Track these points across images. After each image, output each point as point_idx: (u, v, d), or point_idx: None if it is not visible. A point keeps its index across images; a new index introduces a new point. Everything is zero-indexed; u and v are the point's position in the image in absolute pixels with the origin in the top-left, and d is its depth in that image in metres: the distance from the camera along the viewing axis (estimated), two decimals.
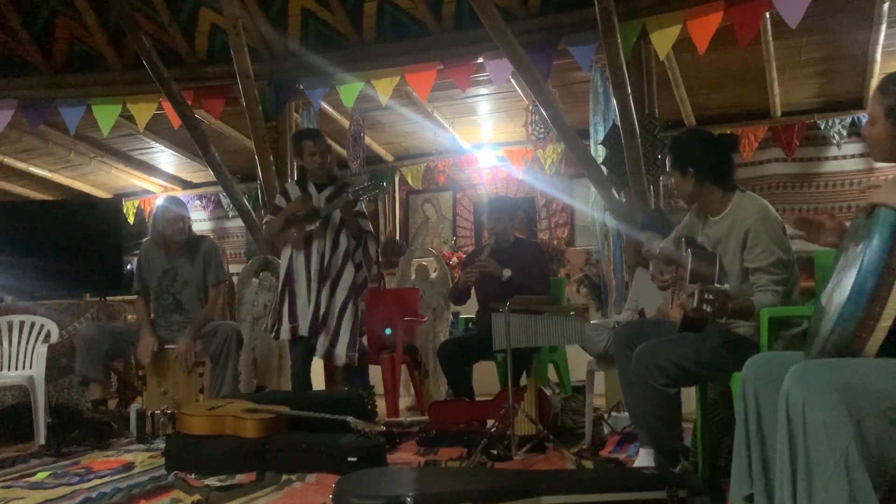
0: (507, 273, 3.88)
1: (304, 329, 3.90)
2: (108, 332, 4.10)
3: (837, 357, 1.64)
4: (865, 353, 1.59)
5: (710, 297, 2.17)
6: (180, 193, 8.52)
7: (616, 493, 2.35)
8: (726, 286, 2.29)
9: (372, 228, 4.18)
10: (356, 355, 3.94)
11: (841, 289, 1.67)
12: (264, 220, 4.19)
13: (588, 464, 3.04)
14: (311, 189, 4.05)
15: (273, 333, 4.03)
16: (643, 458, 2.77)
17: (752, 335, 2.45)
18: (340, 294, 3.95)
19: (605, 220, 5.25)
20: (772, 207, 2.52)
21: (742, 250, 2.46)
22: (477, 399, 3.95)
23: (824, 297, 1.81)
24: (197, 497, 2.65)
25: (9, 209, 5.67)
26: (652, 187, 4.70)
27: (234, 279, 5.56)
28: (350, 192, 3.87)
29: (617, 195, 4.85)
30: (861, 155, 6.31)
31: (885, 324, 1.56)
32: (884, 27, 4.92)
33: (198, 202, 8.63)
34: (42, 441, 3.84)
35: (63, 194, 8.26)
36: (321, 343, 3.90)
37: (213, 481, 2.93)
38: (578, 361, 3.94)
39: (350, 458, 2.90)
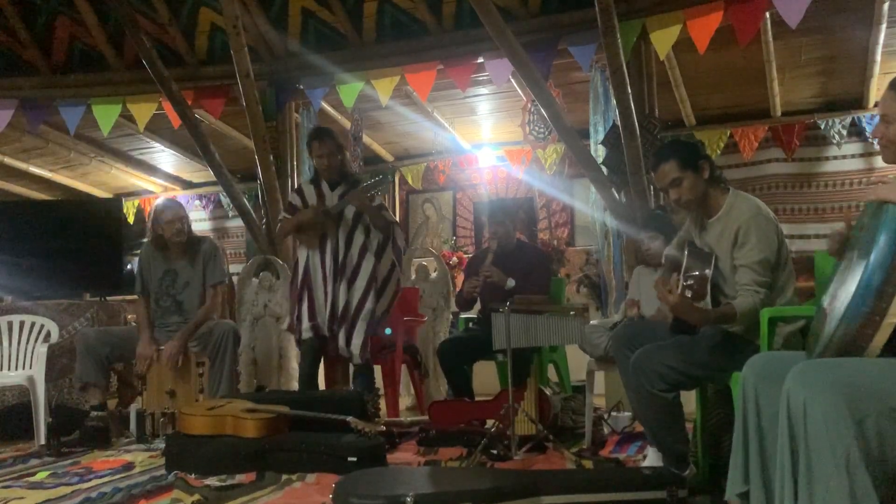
0: (510, 283, 3.90)
1: (322, 327, 3.94)
2: (108, 337, 4.08)
3: (842, 354, 1.63)
4: (871, 349, 1.59)
5: (691, 281, 2.23)
6: (180, 193, 8.53)
7: (616, 493, 2.36)
8: (707, 272, 2.32)
9: (396, 218, 4.20)
10: (368, 356, 3.96)
11: (846, 286, 1.66)
12: (279, 217, 4.28)
13: (588, 464, 3.04)
14: (324, 187, 4.08)
15: (296, 334, 4.06)
16: (652, 457, 2.78)
17: (746, 333, 2.45)
18: (358, 290, 3.94)
19: (605, 220, 5.24)
20: (765, 206, 2.51)
21: (733, 248, 2.47)
22: (477, 399, 3.95)
23: (826, 299, 1.81)
24: (197, 497, 2.65)
25: (9, 209, 5.67)
26: (652, 187, 4.69)
27: (234, 279, 5.56)
28: (361, 187, 3.90)
29: (617, 195, 4.85)
30: (861, 155, 6.31)
31: (891, 320, 1.56)
32: (884, 27, 4.92)
33: (198, 202, 8.62)
34: (42, 441, 3.83)
35: (63, 194, 8.25)
36: (338, 340, 3.92)
37: (213, 481, 2.93)
38: (578, 361, 3.94)
39: (350, 458, 2.90)
